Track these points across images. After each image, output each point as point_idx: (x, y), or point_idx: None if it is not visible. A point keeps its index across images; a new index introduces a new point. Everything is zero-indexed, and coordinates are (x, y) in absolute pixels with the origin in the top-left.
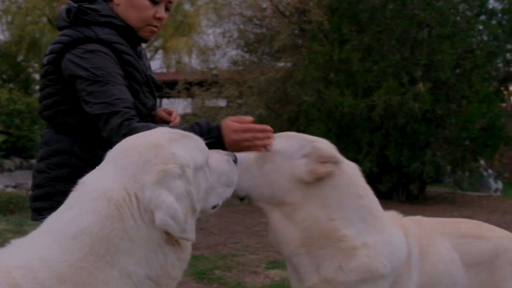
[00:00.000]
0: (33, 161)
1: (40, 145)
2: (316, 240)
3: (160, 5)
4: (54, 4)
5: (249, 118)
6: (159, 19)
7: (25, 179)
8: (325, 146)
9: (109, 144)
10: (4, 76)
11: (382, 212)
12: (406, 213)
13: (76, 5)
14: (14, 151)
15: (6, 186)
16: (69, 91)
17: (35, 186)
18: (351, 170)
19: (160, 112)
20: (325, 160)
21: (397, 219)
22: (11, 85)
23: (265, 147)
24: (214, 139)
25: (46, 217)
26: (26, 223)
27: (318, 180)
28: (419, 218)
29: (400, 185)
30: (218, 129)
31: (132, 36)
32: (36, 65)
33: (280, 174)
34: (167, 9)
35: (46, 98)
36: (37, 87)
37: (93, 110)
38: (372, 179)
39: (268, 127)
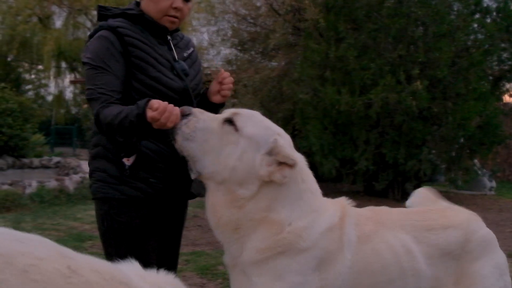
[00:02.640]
0: (26, 160)
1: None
2: (251, 224)
3: None
4: (44, 3)
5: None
6: (177, 9)
7: (19, 177)
8: (286, 144)
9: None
10: None
11: (315, 196)
12: None
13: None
14: (6, 150)
15: (2, 184)
16: None
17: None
18: (299, 165)
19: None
20: (284, 160)
21: (341, 204)
22: (3, 84)
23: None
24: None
25: (100, 193)
26: (24, 220)
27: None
28: (380, 208)
29: (396, 184)
30: (144, 107)
31: (149, 23)
32: (26, 64)
33: (243, 162)
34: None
35: None
36: (28, 86)
37: (86, 95)
38: (368, 177)
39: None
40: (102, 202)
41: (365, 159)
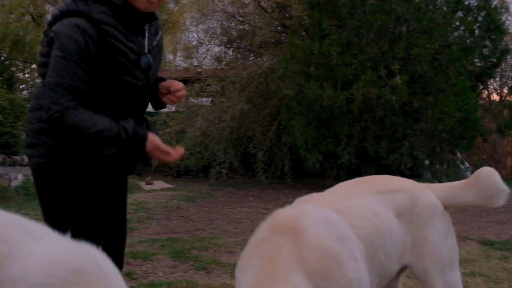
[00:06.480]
0: (17, 158)
1: (33, 96)
2: None
3: None
4: (38, 2)
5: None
6: None
7: (8, 171)
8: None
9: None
10: None
11: None
12: None
13: None
14: None
15: None
16: None
17: (26, 133)
18: None
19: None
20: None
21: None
22: None
23: None
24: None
25: (35, 162)
26: (8, 211)
27: None
28: (338, 185)
29: None
30: (144, 140)
31: (134, 15)
32: (19, 63)
33: None
34: None
35: (41, 56)
36: (22, 86)
37: (47, 80)
38: (351, 171)
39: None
40: (47, 175)
41: (348, 153)
